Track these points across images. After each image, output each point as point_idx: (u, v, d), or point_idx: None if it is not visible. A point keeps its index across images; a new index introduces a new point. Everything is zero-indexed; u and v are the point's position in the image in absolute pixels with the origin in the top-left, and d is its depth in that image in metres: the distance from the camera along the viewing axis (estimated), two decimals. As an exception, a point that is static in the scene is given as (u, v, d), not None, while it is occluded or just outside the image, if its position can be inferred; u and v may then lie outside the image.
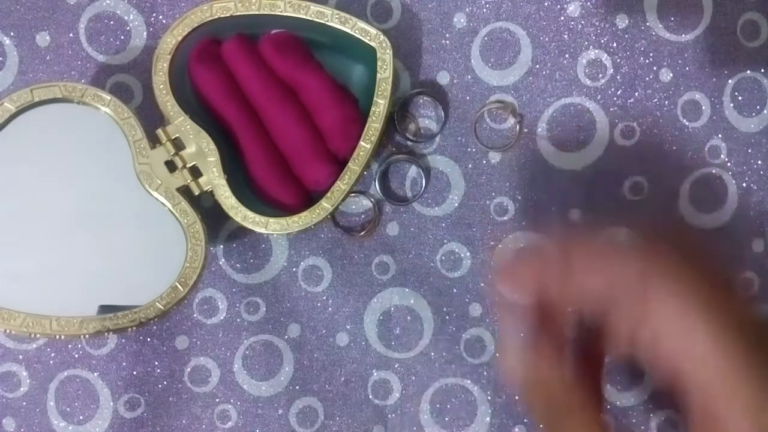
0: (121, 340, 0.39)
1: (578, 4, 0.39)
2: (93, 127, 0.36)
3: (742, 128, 0.39)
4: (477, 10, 0.39)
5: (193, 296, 0.39)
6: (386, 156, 0.39)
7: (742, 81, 0.39)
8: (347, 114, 0.37)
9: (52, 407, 0.39)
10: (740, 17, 0.39)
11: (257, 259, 0.39)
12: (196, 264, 0.36)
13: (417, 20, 0.39)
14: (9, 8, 0.38)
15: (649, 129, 0.39)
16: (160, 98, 0.36)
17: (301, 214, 0.36)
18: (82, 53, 0.38)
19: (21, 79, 0.38)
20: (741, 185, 0.40)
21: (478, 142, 0.39)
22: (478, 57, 0.39)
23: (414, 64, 0.39)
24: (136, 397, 0.39)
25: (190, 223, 0.36)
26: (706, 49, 0.39)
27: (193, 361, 0.39)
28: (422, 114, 0.39)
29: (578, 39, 0.39)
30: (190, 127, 0.36)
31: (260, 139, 0.37)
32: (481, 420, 0.39)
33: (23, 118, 0.36)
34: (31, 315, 0.35)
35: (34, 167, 0.36)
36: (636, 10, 0.39)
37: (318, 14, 0.36)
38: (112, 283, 0.36)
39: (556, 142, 0.39)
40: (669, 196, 0.39)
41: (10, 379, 0.39)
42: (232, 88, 0.37)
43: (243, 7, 0.36)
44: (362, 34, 0.36)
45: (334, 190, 0.36)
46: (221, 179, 0.36)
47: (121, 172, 0.36)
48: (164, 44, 0.36)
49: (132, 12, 0.38)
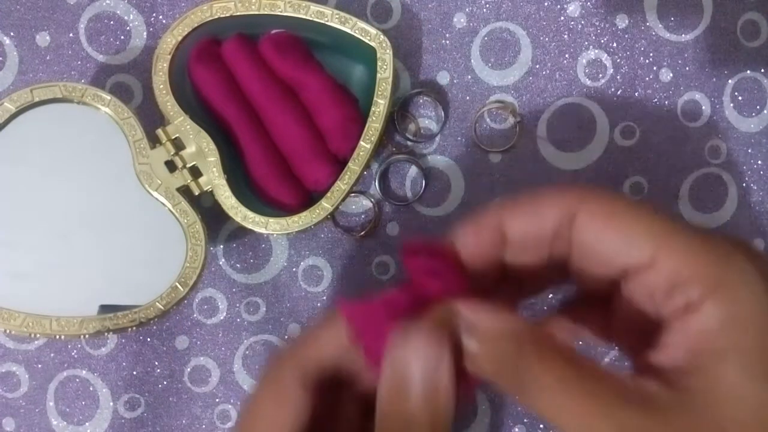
0: (121, 340, 0.39)
1: (578, 4, 0.39)
2: (93, 127, 0.36)
3: (742, 128, 0.39)
4: (477, 10, 0.39)
5: (193, 296, 0.39)
6: (386, 156, 0.39)
7: (742, 81, 0.39)
8: (347, 114, 0.37)
9: (52, 407, 0.39)
10: (740, 17, 0.39)
11: (257, 259, 0.39)
12: (196, 264, 0.36)
13: (417, 20, 0.39)
14: (9, 8, 0.38)
15: (649, 129, 0.39)
16: (160, 98, 0.36)
17: (301, 214, 0.36)
18: (82, 53, 0.38)
19: (21, 79, 0.38)
20: (741, 185, 0.40)
21: (478, 142, 0.39)
22: (478, 57, 0.39)
23: (414, 64, 0.39)
24: (136, 397, 0.39)
25: (190, 223, 0.36)
26: (706, 49, 0.39)
27: (193, 361, 0.39)
28: (422, 114, 0.39)
29: (578, 39, 0.39)
30: (190, 127, 0.36)
31: (260, 139, 0.37)
32: (481, 420, 0.39)
33: (23, 118, 0.36)
34: (31, 315, 0.35)
35: (33, 167, 0.36)
36: (636, 10, 0.39)
37: (318, 14, 0.36)
38: (112, 283, 0.36)
39: (556, 142, 0.39)
40: (669, 196, 0.39)
41: (10, 379, 0.39)
42: (232, 88, 0.37)
43: (243, 7, 0.36)
44: (362, 34, 0.36)
45: (334, 190, 0.36)
46: (221, 179, 0.36)
47: (121, 172, 0.36)
48: (164, 44, 0.36)
49: (132, 12, 0.38)
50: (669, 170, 0.39)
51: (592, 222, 0.25)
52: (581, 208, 0.25)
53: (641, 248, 0.24)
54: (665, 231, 0.24)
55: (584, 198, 0.25)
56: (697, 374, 0.23)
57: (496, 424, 0.39)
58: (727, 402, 0.22)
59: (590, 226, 0.25)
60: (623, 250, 0.25)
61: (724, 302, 0.23)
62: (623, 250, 0.25)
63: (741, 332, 0.23)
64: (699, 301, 0.23)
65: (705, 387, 0.23)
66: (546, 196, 0.26)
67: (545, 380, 0.23)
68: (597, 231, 0.25)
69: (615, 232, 0.25)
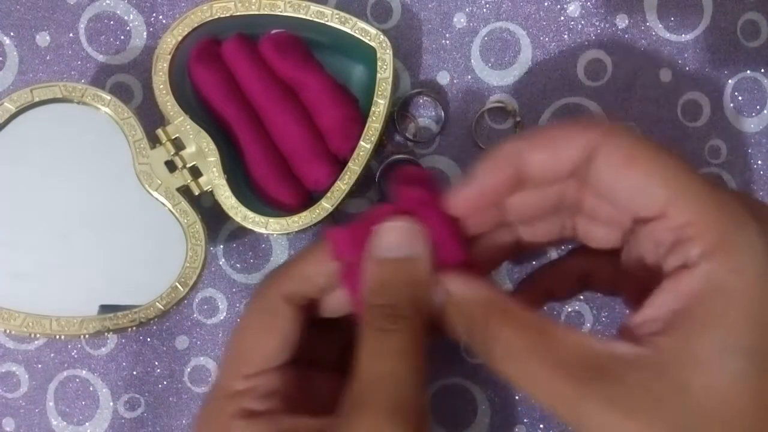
0: (121, 340, 0.39)
1: (578, 4, 0.39)
2: (93, 127, 0.36)
3: (742, 128, 0.40)
4: (477, 10, 0.39)
5: (193, 296, 0.39)
6: (386, 156, 0.39)
7: (742, 81, 0.39)
8: (347, 114, 0.37)
9: (52, 407, 0.39)
10: (740, 17, 0.39)
11: (257, 259, 0.39)
12: (196, 264, 0.36)
13: (417, 20, 0.39)
14: (9, 8, 0.38)
15: (649, 129, 0.39)
16: (160, 98, 0.36)
17: (301, 214, 0.36)
18: (82, 53, 0.38)
19: (21, 79, 0.38)
20: (741, 185, 0.40)
21: (478, 142, 0.39)
22: (478, 57, 0.39)
23: (414, 64, 0.39)
24: (136, 397, 0.39)
25: (190, 223, 0.36)
26: (706, 49, 0.39)
27: (193, 361, 0.39)
28: (422, 114, 0.39)
29: (578, 39, 0.39)
30: (190, 127, 0.36)
31: (260, 139, 0.37)
32: (481, 420, 0.39)
33: (23, 118, 0.36)
34: (31, 315, 0.35)
35: (33, 167, 0.36)
36: (636, 10, 0.39)
37: (318, 14, 0.36)
38: (112, 283, 0.36)
39: (556, 142, 0.39)
40: (669, 196, 0.39)
41: (10, 379, 0.39)
42: (232, 88, 0.37)
43: (243, 7, 0.36)
44: (362, 34, 0.36)
45: (334, 190, 0.36)
46: (221, 179, 0.36)
47: (121, 172, 0.36)
48: (164, 44, 0.36)
49: (132, 12, 0.38)
50: (669, 170, 0.39)
51: (612, 162, 0.24)
52: (603, 145, 0.24)
53: (656, 196, 0.24)
54: (682, 182, 0.23)
55: (607, 135, 0.24)
56: (673, 336, 0.22)
57: (496, 424, 0.39)
58: (695, 370, 0.22)
59: (609, 165, 0.24)
60: (637, 196, 0.24)
61: (720, 266, 0.22)
62: (637, 196, 0.24)
63: (729, 302, 0.22)
64: (696, 261, 0.22)
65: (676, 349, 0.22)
66: (569, 130, 0.25)
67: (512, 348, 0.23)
68: (615, 172, 0.24)
69: (633, 176, 0.24)
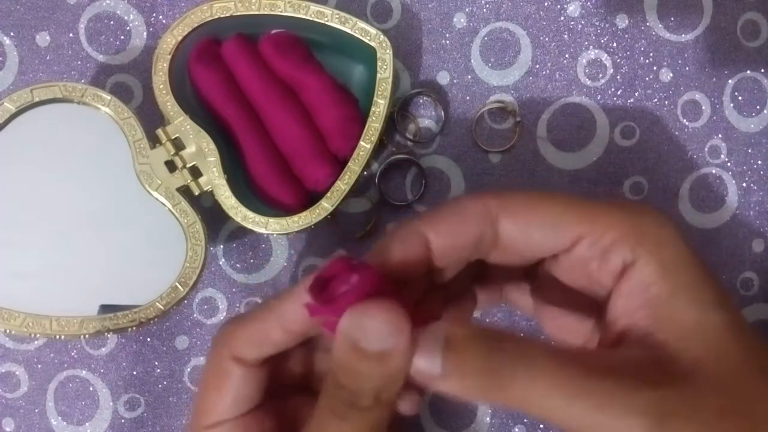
0: (121, 340, 0.39)
1: (578, 4, 0.39)
2: (93, 127, 0.36)
3: (742, 128, 0.39)
4: (477, 10, 0.39)
5: (193, 296, 0.39)
6: (386, 156, 0.39)
7: (742, 81, 0.39)
8: (347, 114, 0.37)
9: (52, 407, 0.39)
10: (740, 17, 0.39)
11: (257, 259, 0.39)
12: (196, 264, 0.36)
13: (417, 20, 0.39)
14: (9, 8, 0.38)
15: (649, 129, 0.39)
16: (160, 98, 0.36)
17: (301, 214, 0.36)
18: (82, 53, 0.38)
19: (21, 79, 0.38)
20: (741, 185, 0.40)
21: (478, 142, 0.39)
22: (478, 57, 0.39)
23: (414, 64, 0.39)
24: (136, 397, 0.39)
25: (190, 223, 0.36)
26: (706, 49, 0.39)
27: (193, 361, 0.39)
28: (422, 114, 0.39)
29: (578, 39, 0.39)
30: (190, 127, 0.36)
31: (260, 139, 0.37)
32: (481, 420, 0.39)
33: (23, 118, 0.36)
34: (31, 315, 0.35)
35: (33, 167, 0.36)
36: (636, 10, 0.39)
37: (318, 14, 0.36)
38: (112, 283, 0.36)
39: (556, 142, 0.39)
40: (669, 196, 0.39)
41: (10, 380, 0.39)
42: (232, 88, 0.37)
43: (243, 7, 0.36)
44: (362, 34, 0.36)
45: (334, 190, 0.36)
46: (221, 179, 0.36)
47: (121, 172, 0.36)
48: (164, 44, 0.36)
49: (132, 12, 0.38)
50: (669, 170, 0.39)
51: (516, 221, 0.27)
52: (502, 210, 0.27)
53: (568, 229, 0.26)
54: (584, 209, 0.27)
55: (502, 200, 0.27)
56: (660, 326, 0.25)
57: (496, 424, 0.39)
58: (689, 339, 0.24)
59: (515, 224, 0.27)
60: (551, 236, 0.27)
61: (653, 252, 0.25)
62: (551, 236, 0.27)
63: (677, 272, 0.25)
64: (634, 258, 0.25)
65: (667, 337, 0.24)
66: (465, 206, 0.27)
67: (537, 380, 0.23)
68: (523, 227, 0.27)
69: (540, 224, 0.27)
